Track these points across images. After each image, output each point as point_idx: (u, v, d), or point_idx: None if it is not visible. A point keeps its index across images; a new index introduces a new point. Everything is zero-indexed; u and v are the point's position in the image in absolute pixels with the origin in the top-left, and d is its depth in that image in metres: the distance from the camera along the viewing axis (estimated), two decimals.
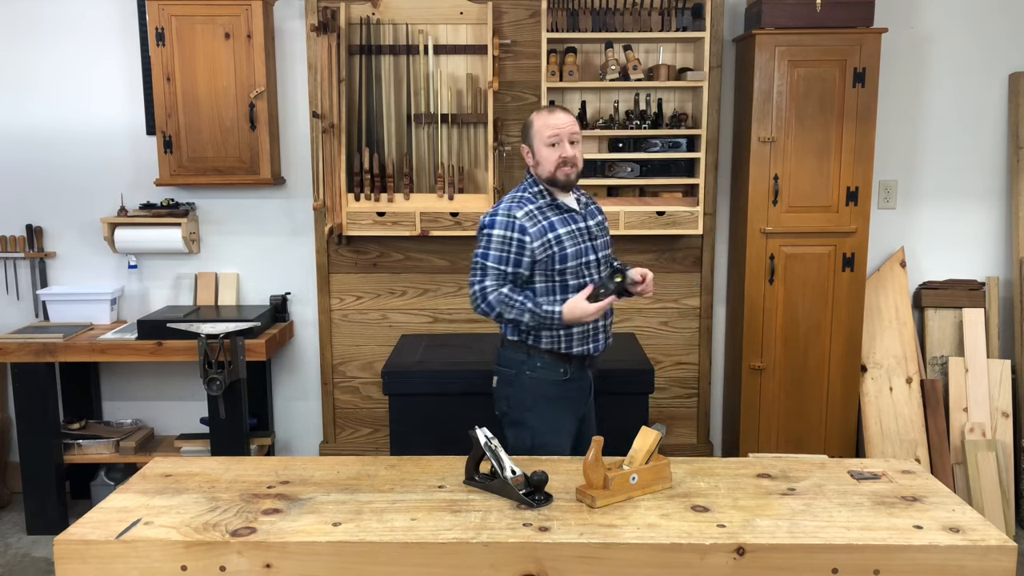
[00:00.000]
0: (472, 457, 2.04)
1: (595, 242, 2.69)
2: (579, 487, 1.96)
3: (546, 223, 2.61)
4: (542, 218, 2.62)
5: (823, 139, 3.53)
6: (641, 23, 3.61)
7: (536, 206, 2.63)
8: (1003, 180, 3.93)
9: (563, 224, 2.63)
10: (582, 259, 2.64)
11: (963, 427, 3.77)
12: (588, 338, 2.69)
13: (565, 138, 2.59)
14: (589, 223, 2.70)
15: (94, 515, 1.89)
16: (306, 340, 4.06)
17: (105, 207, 3.91)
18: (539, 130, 2.61)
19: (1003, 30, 3.81)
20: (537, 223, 2.60)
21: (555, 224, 2.62)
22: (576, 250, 2.63)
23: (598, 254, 2.70)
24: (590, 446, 1.95)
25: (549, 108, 2.67)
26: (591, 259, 2.67)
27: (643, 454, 1.99)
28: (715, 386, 4.09)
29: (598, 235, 2.72)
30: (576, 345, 2.68)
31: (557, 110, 2.64)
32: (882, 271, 3.92)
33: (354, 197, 3.74)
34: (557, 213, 2.65)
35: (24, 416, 3.62)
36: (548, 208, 2.64)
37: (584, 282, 2.64)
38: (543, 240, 2.59)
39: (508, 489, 1.95)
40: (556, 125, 2.59)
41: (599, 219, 2.77)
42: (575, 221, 2.66)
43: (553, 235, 2.60)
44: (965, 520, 1.85)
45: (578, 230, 2.66)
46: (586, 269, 2.66)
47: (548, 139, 2.59)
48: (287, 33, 3.83)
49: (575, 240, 2.63)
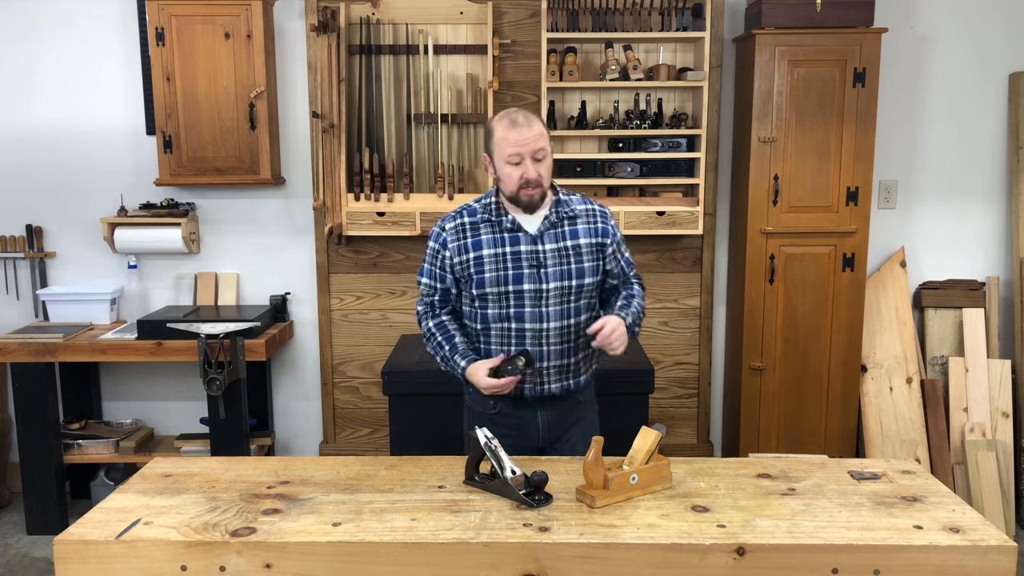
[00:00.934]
0: (472, 457, 2.04)
1: (543, 270, 2.31)
2: (579, 487, 1.96)
3: (470, 240, 2.34)
4: (470, 234, 2.35)
5: (823, 139, 3.53)
6: (641, 23, 3.61)
7: (474, 219, 2.36)
8: (1003, 180, 3.93)
9: (492, 244, 2.33)
10: (505, 287, 2.31)
11: (963, 427, 3.77)
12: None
13: (527, 156, 2.24)
14: (543, 247, 2.32)
15: (94, 515, 1.89)
16: (306, 340, 4.06)
17: (105, 207, 3.91)
18: (499, 144, 2.28)
19: (1003, 30, 3.82)
20: (460, 239, 2.35)
21: (481, 243, 2.33)
22: (496, 276, 2.31)
23: (546, 284, 2.31)
24: (590, 446, 1.94)
25: (511, 117, 2.27)
26: (525, 288, 2.31)
27: (643, 454, 1.99)
28: (715, 386, 4.09)
29: (554, 263, 2.32)
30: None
31: (520, 120, 2.26)
32: (882, 271, 3.92)
33: (354, 197, 3.74)
34: (492, 231, 2.34)
35: (24, 416, 3.62)
36: (484, 224, 2.35)
37: (508, 313, 2.32)
38: (461, 258, 2.34)
39: (508, 489, 1.95)
40: (517, 141, 2.24)
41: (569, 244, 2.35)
42: (514, 243, 2.32)
43: (473, 255, 2.33)
44: (965, 520, 1.85)
45: (511, 254, 2.32)
46: (514, 299, 2.32)
47: (508, 157, 2.26)
48: (287, 33, 3.83)
49: (499, 264, 2.31)
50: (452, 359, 2.35)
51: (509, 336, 2.35)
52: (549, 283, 2.32)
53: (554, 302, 2.33)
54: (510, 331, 2.34)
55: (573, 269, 2.34)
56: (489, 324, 2.35)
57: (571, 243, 2.35)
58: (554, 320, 2.33)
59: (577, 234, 2.36)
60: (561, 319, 2.34)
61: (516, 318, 2.32)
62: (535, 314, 2.32)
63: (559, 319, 2.34)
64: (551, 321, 2.33)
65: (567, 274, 2.33)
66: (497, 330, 2.35)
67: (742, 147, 3.70)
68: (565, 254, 2.34)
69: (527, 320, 2.32)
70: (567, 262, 2.34)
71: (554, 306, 2.33)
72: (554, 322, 2.34)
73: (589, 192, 3.75)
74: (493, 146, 2.30)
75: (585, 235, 2.37)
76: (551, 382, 2.38)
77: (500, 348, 2.36)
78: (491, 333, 2.36)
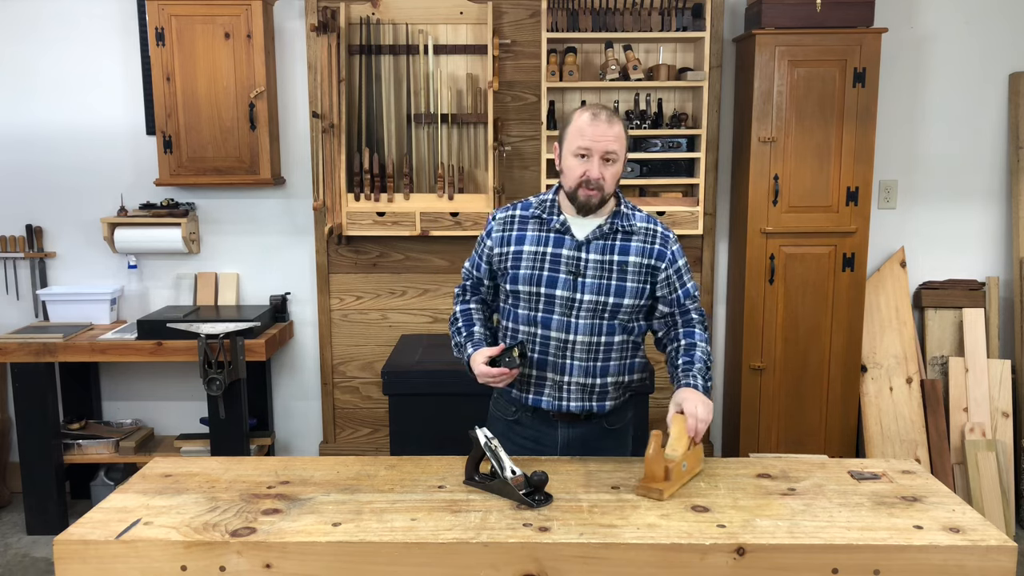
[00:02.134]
0: (472, 457, 2.04)
1: (580, 279, 2.19)
2: (640, 482, 1.97)
3: (515, 233, 2.26)
4: (516, 227, 2.26)
5: (823, 139, 3.53)
6: (641, 23, 3.61)
7: (525, 213, 2.28)
8: (1003, 180, 3.93)
9: (535, 242, 2.23)
10: (537, 287, 2.21)
11: (963, 427, 3.77)
12: (529, 385, 2.29)
13: (596, 154, 2.12)
14: (587, 255, 2.20)
15: (94, 515, 1.89)
16: (306, 340, 4.06)
17: (105, 207, 3.91)
18: (571, 134, 2.16)
19: (1003, 30, 3.82)
20: (505, 230, 2.27)
21: (524, 238, 2.24)
22: (530, 275, 2.21)
23: (580, 295, 2.19)
24: (650, 440, 1.96)
25: (594, 111, 2.15)
26: (558, 295, 2.20)
27: (685, 440, 2.02)
28: (715, 386, 4.09)
29: (593, 275, 2.20)
30: (518, 385, 2.30)
31: (601, 116, 2.13)
32: (882, 271, 3.92)
33: (354, 197, 3.74)
34: (539, 228, 2.24)
35: (24, 416, 3.62)
36: (533, 220, 2.26)
37: (537, 317, 2.23)
38: (501, 250, 2.26)
39: (508, 489, 1.94)
40: (592, 135, 2.12)
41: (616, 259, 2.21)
42: (558, 245, 2.21)
43: (513, 248, 2.24)
44: (965, 520, 1.84)
45: (551, 255, 2.21)
46: (544, 303, 2.22)
47: (576, 149, 2.14)
48: (287, 33, 3.83)
49: (536, 264, 2.21)
50: (464, 346, 2.28)
51: (535, 342, 2.25)
52: (584, 294, 2.19)
53: (585, 315, 2.20)
54: (536, 336, 2.24)
55: (613, 286, 2.20)
56: (519, 325, 2.26)
57: (618, 258, 2.21)
58: (582, 334, 2.21)
59: (628, 251, 2.21)
60: (590, 334, 2.21)
61: (543, 324, 2.22)
62: (562, 323, 2.21)
63: (588, 334, 2.21)
64: (579, 334, 2.21)
65: (605, 289, 2.19)
66: (525, 333, 2.25)
67: (742, 147, 3.70)
68: (608, 268, 2.20)
69: (553, 328, 2.21)
70: (608, 277, 2.20)
71: (585, 319, 2.20)
72: (582, 335, 2.21)
73: None
74: (566, 134, 2.18)
75: (637, 253, 2.21)
76: (571, 399, 2.26)
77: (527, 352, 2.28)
78: (519, 335, 2.27)
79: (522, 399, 2.30)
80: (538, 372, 2.26)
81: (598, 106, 2.19)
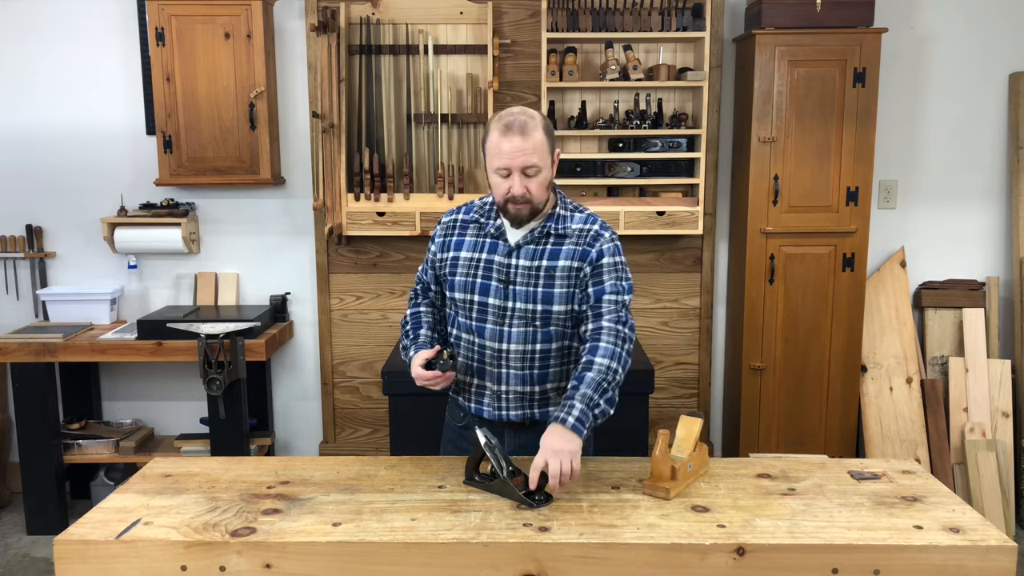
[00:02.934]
0: (472, 457, 2.04)
1: (510, 287, 2.11)
2: (647, 481, 1.98)
3: (454, 239, 2.20)
4: (457, 232, 2.20)
5: (823, 139, 3.53)
6: (641, 23, 3.61)
7: (466, 218, 2.21)
8: (1003, 180, 3.93)
9: (471, 248, 2.17)
10: (471, 295, 2.15)
11: (963, 427, 3.77)
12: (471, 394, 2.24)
13: (516, 170, 2.01)
14: (516, 262, 2.12)
15: (94, 515, 1.89)
16: (306, 340, 4.06)
17: (105, 207, 3.91)
18: (489, 151, 2.05)
19: (1003, 30, 3.81)
20: (447, 236, 2.22)
21: (463, 244, 2.18)
22: (465, 282, 2.16)
23: (511, 302, 2.11)
24: (657, 439, 1.97)
25: (506, 122, 2.02)
26: (491, 303, 2.13)
27: (692, 442, 2.03)
28: (715, 386, 4.09)
29: (522, 282, 2.11)
30: (463, 393, 2.26)
31: (514, 128, 2.00)
32: (882, 271, 3.92)
33: (354, 197, 3.74)
34: (476, 234, 2.18)
35: (24, 416, 3.62)
36: (473, 224, 2.19)
37: (472, 325, 2.17)
38: (442, 256, 2.21)
39: (508, 489, 1.94)
40: (508, 152, 2.00)
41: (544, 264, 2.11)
42: (491, 251, 2.14)
43: (451, 255, 2.19)
44: (965, 520, 1.84)
45: (484, 262, 2.14)
46: (478, 311, 2.15)
47: (495, 168, 2.04)
48: (287, 33, 3.83)
49: (470, 271, 2.15)
50: (409, 348, 2.20)
51: (472, 349, 2.19)
52: (515, 302, 2.11)
53: (518, 323, 2.12)
54: (473, 344, 2.18)
55: (540, 292, 2.10)
56: (461, 332, 2.20)
57: (547, 263, 2.11)
58: (515, 342, 2.13)
59: (558, 255, 2.11)
60: (524, 342, 2.13)
61: (478, 332, 2.16)
62: (495, 332, 2.14)
63: (521, 342, 2.13)
64: (512, 343, 2.13)
65: (532, 296, 2.10)
66: (465, 341, 2.20)
67: (742, 147, 3.70)
68: (535, 275, 2.11)
69: (487, 336, 2.15)
70: (535, 283, 2.11)
71: (517, 327, 2.12)
72: (515, 344, 2.13)
73: (589, 192, 3.76)
74: (485, 149, 2.07)
75: (567, 257, 2.11)
76: (510, 408, 2.19)
77: (466, 361, 2.22)
78: (461, 343, 2.21)
79: (467, 408, 2.27)
80: (477, 381, 2.21)
81: (513, 113, 2.04)
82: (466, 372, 2.23)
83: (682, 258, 3.96)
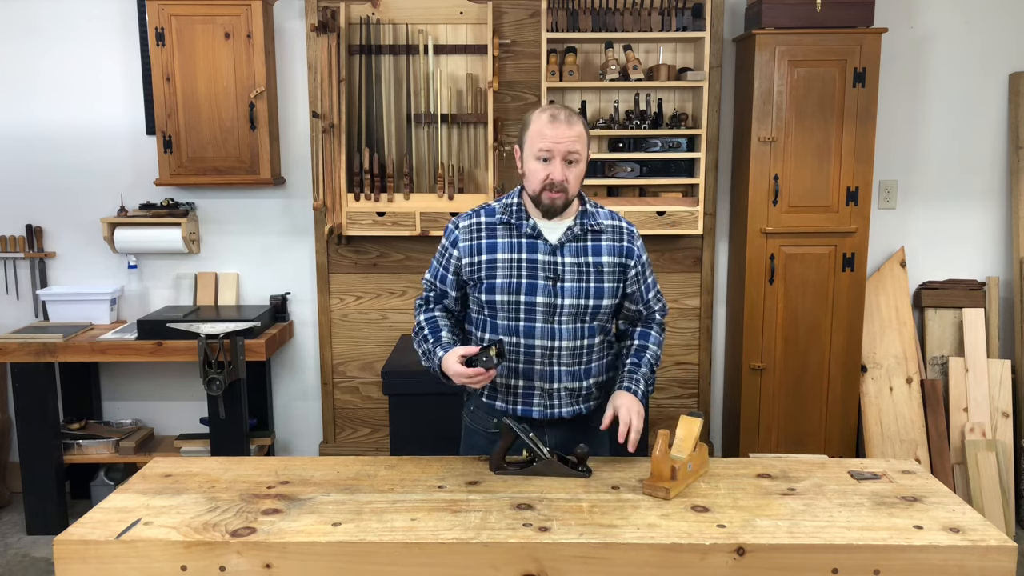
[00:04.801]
0: (502, 447, 2.08)
1: (559, 284, 2.14)
2: (647, 481, 1.98)
3: (484, 242, 2.18)
4: (485, 234, 2.19)
5: (823, 139, 3.53)
6: (641, 23, 3.61)
7: (491, 219, 2.20)
8: (1003, 180, 3.93)
9: (508, 249, 2.16)
10: (516, 296, 2.14)
11: (963, 427, 3.77)
12: (517, 396, 2.22)
13: (558, 156, 2.08)
14: (563, 259, 2.16)
15: (94, 515, 1.89)
16: (306, 340, 4.06)
17: (105, 207, 3.91)
18: (532, 137, 2.11)
19: (1003, 30, 3.82)
20: (473, 239, 2.19)
21: (495, 246, 2.17)
22: (507, 283, 2.14)
23: (561, 299, 2.14)
24: (657, 439, 1.98)
25: (552, 112, 2.10)
26: (539, 301, 2.14)
27: (692, 442, 2.04)
28: (715, 386, 4.09)
29: (572, 278, 2.15)
30: (503, 396, 2.23)
31: (560, 117, 2.09)
32: (882, 271, 3.92)
33: (354, 197, 3.74)
34: (509, 235, 2.18)
35: (24, 416, 3.62)
36: (502, 226, 2.19)
37: (519, 327, 2.16)
38: (471, 260, 2.18)
39: (556, 467, 2.07)
40: (552, 137, 2.07)
41: (591, 260, 2.18)
42: (532, 251, 2.16)
43: (486, 257, 2.17)
44: (965, 520, 1.84)
45: (527, 261, 2.15)
46: (525, 312, 2.15)
47: (538, 152, 2.09)
48: (287, 33, 3.83)
49: (511, 272, 2.15)
50: (433, 351, 2.17)
51: (518, 352, 2.18)
52: (565, 299, 2.14)
53: (568, 320, 2.16)
54: (519, 346, 2.17)
55: (592, 288, 2.16)
56: (498, 336, 2.18)
57: (593, 259, 2.18)
58: (567, 339, 2.16)
59: (600, 251, 2.19)
60: (574, 338, 2.17)
61: (526, 333, 2.16)
62: (546, 330, 2.15)
63: (572, 338, 2.17)
64: (563, 340, 2.16)
65: (585, 292, 2.16)
66: (508, 344, 2.18)
67: (742, 147, 3.70)
68: (585, 270, 2.16)
69: (537, 336, 2.15)
70: (586, 279, 2.16)
71: (567, 324, 2.16)
72: (567, 341, 2.16)
73: (589, 192, 3.76)
74: (526, 137, 2.13)
75: (609, 253, 2.19)
76: (562, 405, 2.22)
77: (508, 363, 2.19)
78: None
79: (509, 411, 2.23)
80: (524, 382, 2.20)
81: (557, 106, 2.14)
82: (508, 375, 2.20)
83: (682, 258, 3.96)
